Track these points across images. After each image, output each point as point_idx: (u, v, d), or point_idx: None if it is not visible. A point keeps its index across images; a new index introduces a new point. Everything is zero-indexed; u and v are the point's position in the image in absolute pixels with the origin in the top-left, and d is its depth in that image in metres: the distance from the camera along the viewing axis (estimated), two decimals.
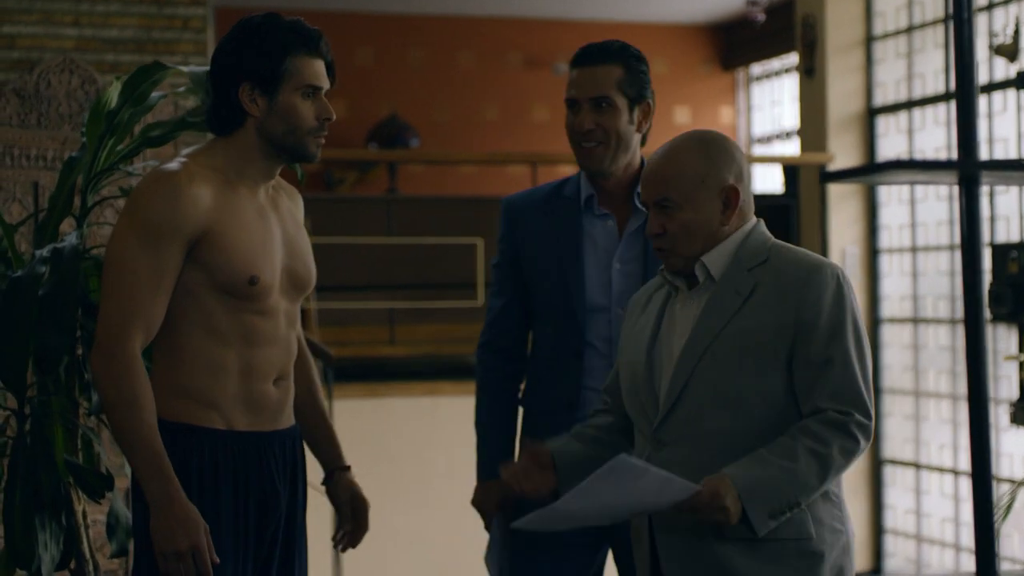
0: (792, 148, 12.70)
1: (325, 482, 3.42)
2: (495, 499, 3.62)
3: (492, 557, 3.62)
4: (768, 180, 13.15)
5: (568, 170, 7.57)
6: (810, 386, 2.79)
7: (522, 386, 3.75)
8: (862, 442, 2.77)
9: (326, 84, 3.13)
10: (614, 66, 3.52)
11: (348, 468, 3.42)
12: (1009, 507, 5.33)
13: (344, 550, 3.42)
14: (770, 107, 13.25)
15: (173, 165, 3.05)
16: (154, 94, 3.83)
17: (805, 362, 2.79)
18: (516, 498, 3.56)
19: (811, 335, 2.78)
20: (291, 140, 3.09)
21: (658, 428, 2.87)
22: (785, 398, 2.80)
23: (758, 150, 13.40)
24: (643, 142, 3.61)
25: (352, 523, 3.39)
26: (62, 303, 3.52)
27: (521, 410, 3.72)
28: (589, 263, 3.57)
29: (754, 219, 2.95)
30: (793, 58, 12.18)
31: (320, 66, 3.11)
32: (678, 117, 13.13)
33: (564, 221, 3.61)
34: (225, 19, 7.78)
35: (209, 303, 3.05)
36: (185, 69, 3.83)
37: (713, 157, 2.88)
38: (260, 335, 3.10)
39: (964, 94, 1.96)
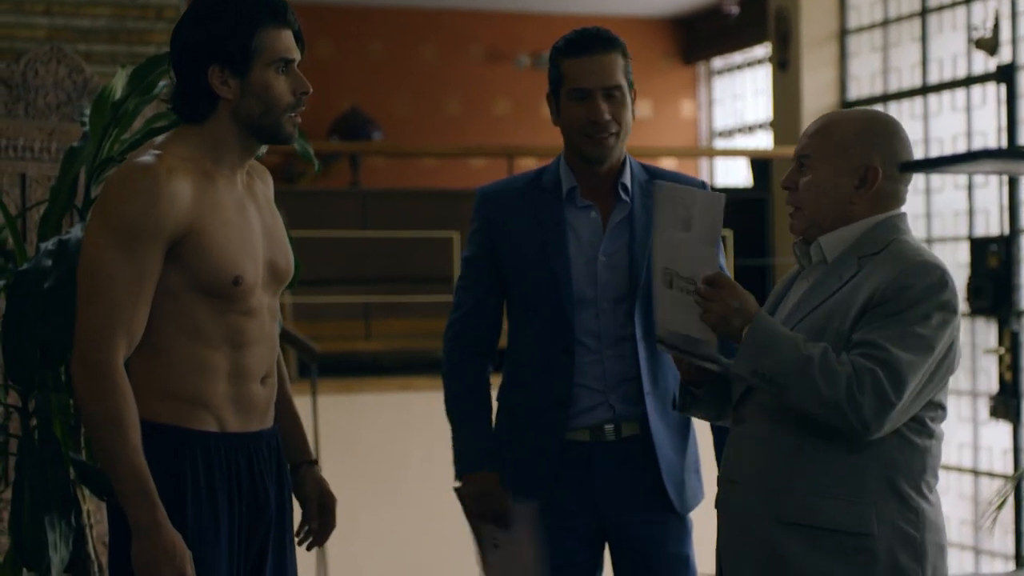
0: (755, 142, 12.69)
1: (291, 475, 3.22)
2: (488, 504, 3.44)
3: (497, 561, 3.44)
4: (731, 174, 13.16)
5: (531, 163, 7.51)
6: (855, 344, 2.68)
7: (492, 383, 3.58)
8: (875, 396, 2.61)
9: (298, 55, 2.92)
10: (617, 54, 3.42)
11: (315, 462, 3.24)
12: (1004, 501, 5.34)
13: (310, 548, 3.29)
14: (732, 101, 13.24)
15: (147, 158, 2.82)
16: (160, 83, 3.75)
17: (863, 328, 2.68)
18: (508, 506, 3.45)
19: (879, 308, 2.67)
20: (267, 121, 2.88)
21: (738, 405, 2.84)
22: None
23: (719, 144, 13.39)
24: None
25: (319, 520, 3.21)
26: (69, 296, 3.42)
27: (495, 408, 3.57)
28: (574, 255, 3.45)
29: (895, 212, 2.85)
30: (756, 51, 12.21)
31: (290, 37, 2.90)
32: (639, 110, 13.03)
33: (546, 213, 3.48)
34: None
35: (192, 305, 2.86)
36: None
37: (869, 133, 2.81)
38: (246, 335, 2.93)
39: None
